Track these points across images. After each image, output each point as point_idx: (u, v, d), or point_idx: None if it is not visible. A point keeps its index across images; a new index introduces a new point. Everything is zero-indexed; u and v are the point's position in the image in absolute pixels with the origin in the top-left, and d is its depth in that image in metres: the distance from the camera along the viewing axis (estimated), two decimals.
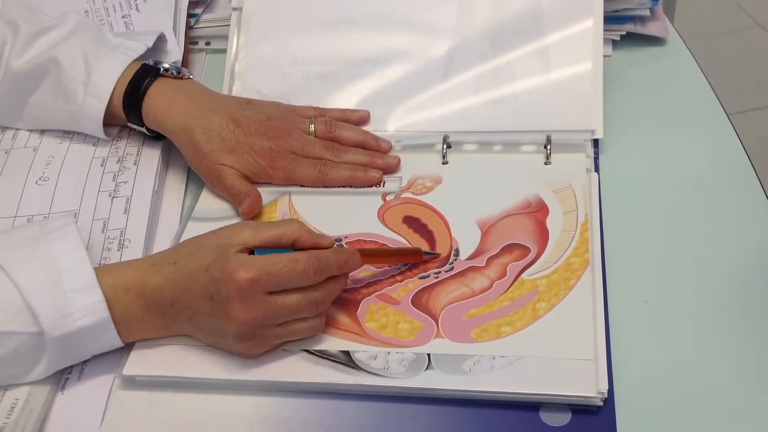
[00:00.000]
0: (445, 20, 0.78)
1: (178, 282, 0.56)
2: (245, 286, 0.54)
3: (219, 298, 0.54)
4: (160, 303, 0.57)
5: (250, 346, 0.56)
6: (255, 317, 0.54)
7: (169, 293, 0.56)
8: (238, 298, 0.54)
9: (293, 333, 0.57)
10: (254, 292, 0.54)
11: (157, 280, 0.56)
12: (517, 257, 0.63)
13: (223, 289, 0.54)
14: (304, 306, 0.56)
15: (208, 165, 0.70)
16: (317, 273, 0.56)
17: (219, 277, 0.54)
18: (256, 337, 0.56)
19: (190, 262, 0.56)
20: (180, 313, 0.57)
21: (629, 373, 0.56)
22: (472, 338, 0.58)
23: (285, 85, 0.79)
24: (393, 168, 0.72)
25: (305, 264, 0.55)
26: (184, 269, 0.56)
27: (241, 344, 0.56)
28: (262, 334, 0.56)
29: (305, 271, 0.55)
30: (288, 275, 0.55)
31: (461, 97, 0.76)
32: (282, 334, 0.57)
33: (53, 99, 0.74)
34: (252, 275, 0.54)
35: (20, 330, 0.54)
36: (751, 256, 0.63)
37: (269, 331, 0.56)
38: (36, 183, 0.72)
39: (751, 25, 2.13)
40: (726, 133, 0.75)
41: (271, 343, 0.57)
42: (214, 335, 0.57)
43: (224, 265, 0.54)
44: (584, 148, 0.72)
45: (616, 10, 0.82)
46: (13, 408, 0.55)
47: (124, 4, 0.87)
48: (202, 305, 0.55)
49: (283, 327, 0.56)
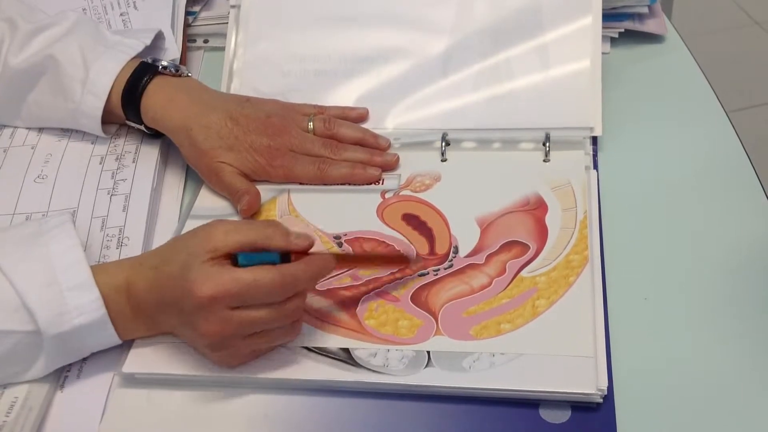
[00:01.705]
0: (444, 17, 0.78)
1: (156, 288, 0.56)
2: (205, 302, 0.52)
3: (185, 311, 0.54)
4: (146, 306, 0.56)
5: (223, 356, 0.56)
6: (219, 331, 0.53)
7: (151, 298, 0.56)
8: (199, 313, 0.53)
9: (267, 342, 0.56)
10: (215, 308, 0.53)
11: (141, 284, 0.56)
12: (517, 254, 0.63)
13: (186, 302, 0.53)
14: (273, 319, 0.54)
15: (207, 163, 0.70)
16: (283, 290, 0.54)
17: (182, 290, 0.53)
18: (227, 348, 0.55)
19: (165, 269, 0.55)
20: (161, 316, 0.56)
21: (628, 370, 0.56)
22: (471, 336, 0.58)
23: (283, 83, 0.79)
24: (392, 165, 0.72)
25: (270, 282, 0.53)
26: (160, 276, 0.55)
27: (215, 354, 0.56)
28: (232, 344, 0.55)
29: (270, 290, 0.53)
30: (250, 293, 0.53)
31: (460, 94, 0.76)
32: (253, 345, 0.56)
33: (51, 97, 0.74)
34: (211, 292, 0.52)
35: (17, 329, 0.54)
36: (749, 252, 0.64)
37: (239, 342, 0.55)
38: (34, 181, 0.72)
39: (749, 22, 2.13)
40: (724, 130, 0.75)
41: (244, 353, 0.56)
42: (193, 342, 0.57)
43: (186, 279, 0.53)
44: (583, 146, 0.72)
45: (614, 7, 0.82)
46: (12, 406, 0.55)
47: (122, 1, 0.87)
48: (174, 314, 0.55)
49: (255, 338, 0.55)
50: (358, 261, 0.63)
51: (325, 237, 0.67)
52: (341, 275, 0.63)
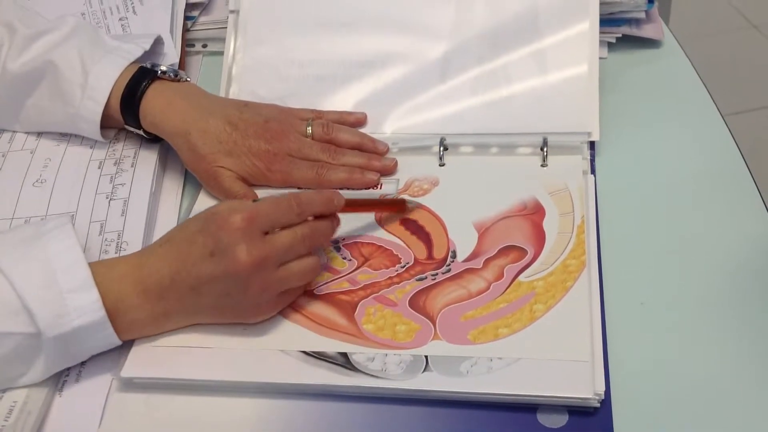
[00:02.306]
0: (442, 23, 0.78)
1: (175, 255, 0.57)
2: (244, 226, 0.56)
3: (221, 249, 0.56)
4: (160, 283, 0.57)
5: (255, 294, 0.57)
6: (259, 256, 0.56)
7: (167, 269, 0.57)
8: (240, 239, 0.56)
9: (293, 275, 0.59)
10: (253, 232, 0.56)
11: (153, 262, 0.58)
12: (514, 259, 0.64)
13: (224, 237, 0.56)
14: (297, 241, 0.58)
15: (206, 167, 0.70)
16: (300, 206, 0.59)
17: (216, 229, 0.56)
18: (261, 281, 0.57)
19: (182, 234, 0.58)
20: (181, 286, 0.57)
21: (626, 375, 0.56)
22: (469, 340, 0.58)
23: (282, 88, 0.79)
24: (390, 170, 0.72)
25: (288, 201, 0.59)
26: (178, 242, 0.58)
27: (247, 296, 0.57)
28: (266, 277, 0.57)
29: (290, 206, 0.59)
30: (275, 211, 0.58)
31: (458, 99, 0.76)
32: (284, 277, 0.58)
33: (50, 101, 0.74)
34: (246, 214, 0.57)
35: (17, 331, 0.54)
36: (746, 256, 0.64)
37: (272, 273, 0.57)
38: (33, 185, 0.72)
39: (746, 26, 2.14)
40: (721, 134, 0.75)
41: (275, 291, 0.58)
42: (220, 297, 0.57)
43: (218, 218, 0.57)
44: (580, 150, 0.72)
45: (611, 12, 0.83)
46: (11, 410, 0.55)
47: (121, 6, 0.87)
48: (205, 266, 0.56)
49: (284, 269, 0.58)
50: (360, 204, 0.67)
51: None
52: (339, 280, 0.63)
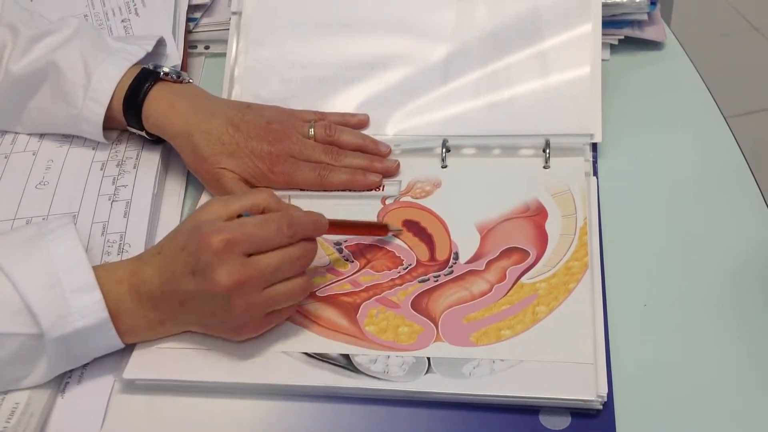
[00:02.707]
0: (444, 24, 0.78)
1: (164, 267, 0.57)
2: (222, 248, 0.54)
3: (200, 269, 0.55)
4: (152, 293, 0.57)
5: (239, 316, 0.56)
6: (239, 280, 0.54)
7: (158, 280, 0.57)
8: (218, 262, 0.54)
9: (279, 296, 0.57)
10: (233, 254, 0.54)
11: (146, 272, 0.57)
12: (517, 261, 0.64)
13: (202, 258, 0.54)
14: (285, 263, 0.56)
15: (208, 169, 0.70)
16: (290, 228, 0.57)
17: (196, 247, 0.55)
18: (244, 303, 0.55)
19: (171, 246, 0.58)
20: (170, 299, 0.57)
21: (628, 377, 0.56)
22: (471, 342, 0.58)
23: (284, 89, 0.79)
24: (392, 172, 0.72)
25: (278, 222, 0.56)
26: (167, 254, 0.57)
27: (231, 316, 0.55)
28: (249, 299, 0.55)
29: (279, 229, 0.56)
30: (262, 234, 0.55)
31: (460, 101, 0.76)
32: (270, 299, 0.56)
33: (53, 103, 0.74)
34: (226, 237, 0.54)
35: (19, 331, 0.54)
36: (749, 258, 0.64)
37: (256, 295, 0.55)
38: (36, 187, 0.72)
39: (748, 28, 2.14)
40: (724, 136, 0.75)
41: (260, 312, 0.56)
42: (205, 315, 0.57)
43: (198, 236, 0.55)
44: (583, 152, 0.72)
45: (614, 14, 0.83)
46: (13, 412, 0.55)
47: (124, 8, 0.87)
48: (187, 283, 0.56)
49: (270, 290, 0.56)
50: (338, 226, 0.64)
51: (326, 243, 0.67)
52: (341, 281, 0.63)
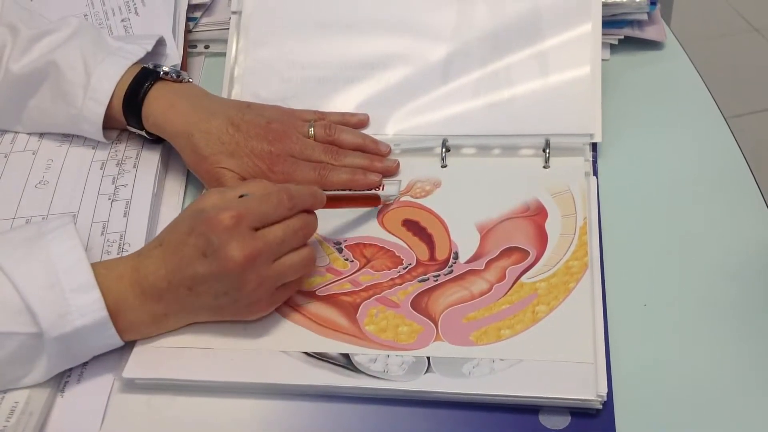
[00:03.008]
0: (444, 24, 0.78)
1: (169, 256, 0.57)
2: (232, 224, 0.56)
3: (213, 249, 0.55)
4: (156, 285, 0.57)
5: (251, 292, 0.57)
6: (251, 253, 0.55)
7: (163, 271, 0.57)
8: (230, 238, 0.55)
9: (289, 268, 0.58)
10: (242, 229, 0.56)
11: (148, 264, 0.58)
12: (516, 260, 0.64)
13: (213, 237, 0.55)
14: (290, 234, 0.58)
15: (208, 168, 0.70)
16: (291, 200, 0.58)
17: (205, 229, 0.56)
18: (256, 277, 0.56)
19: (173, 235, 0.58)
20: (177, 288, 0.57)
21: (628, 376, 0.56)
22: (471, 341, 0.58)
23: (284, 89, 0.79)
24: (392, 171, 0.72)
25: (278, 195, 0.58)
26: (170, 244, 0.58)
27: (243, 293, 0.57)
28: (261, 272, 0.56)
29: (280, 201, 0.58)
30: (265, 207, 0.57)
31: (460, 100, 0.76)
32: (279, 272, 0.58)
33: (53, 102, 0.74)
34: (234, 212, 0.56)
35: (19, 331, 0.54)
36: (749, 258, 0.64)
37: (266, 268, 0.57)
38: (36, 186, 0.72)
39: (748, 29, 2.14)
40: (723, 136, 0.75)
41: (271, 286, 0.58)
42: (218, 296, 0.57)
43: (205, 217, 0.56)
44: (583, 152, 0.72)
45: (614, 14, 0.83)
46: (12, 411, 0.55)
47: (123, 7, 0.87)
48: (198, 266, 0.56)
49: (279, 263, 0.58)
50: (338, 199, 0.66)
51: (326, 243, 0.67)
52: (341, 281, 0.63)
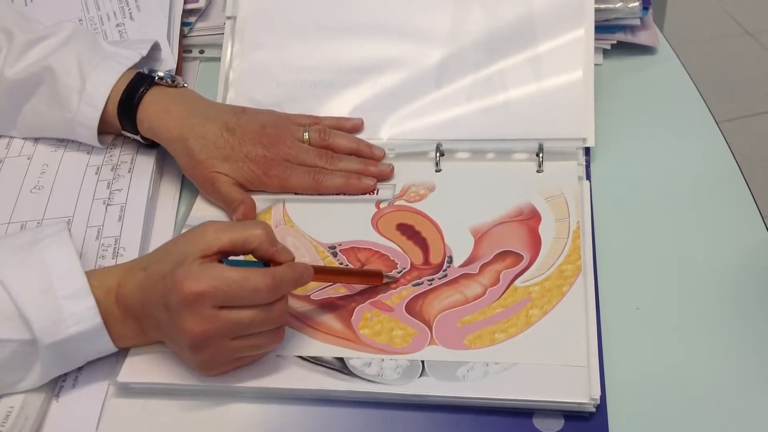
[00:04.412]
0: (439, 29, 0.79)
1: (145, 288, 0.56)
2: (191, 299, 0.52)
3: (171, 308, 0.54)
4: (134, 308, 0.57)
5: (205, 360, 0.55)
6: (204, 331, 0.53)
7: (139, 298, 0.56)
8: (185, 310, 0.53)
9: (251, 348, 0.56)
10: (201, 306, 0.53)
11: (130, 286, 0.56)
12: (510, 264, 0.64)
13: (172, 299, 0.53)
14: (258, 322, 0.54)
15: (203, 173, 0.70)
16: (270, 291, 0.54)
17: (170, 286, 0.53)
18: (211, 350, 0.54)
19: (156, 268, 0.56)
20: (148, 319, 0.56)
21: (621, 380, 0.56)
22: (465, 345, 0.58)
23: (279, 93, 0.79)
24: (386, 175, 0.73)
25: (257, 282, 0.53)
26: (151, 276, 0.56)
27: (196, 357, 0.55)
28: (216, 347, 0.54)
29: (257, 290, 0.53)
30: (238, 292, 0.53)
31: (454, 105, 0.76)
32: (238, 349, 0.55)
33: (48, 107, 0.74)
34: (198, 288, 0.52)
35: (13, 337, 0.54)
36: (741, 261, 0.64)
37: (224, 344, 0.54)
38: (30, 191, 0.72)
39: (740, 33, 2.15)
40: (716, 140, 0.75)
41: (229, 358, 0.56)
42: (176, 345, 0.56)
43: (175, 276, 0.53)
44: (576, 156, 0.72)
45: (606, 19, 0.83)
46: (8, 416, 0.55)
47: (118, 12, 0.88)
48: (160, 313, 0.55)
49: (240, 341, 0.55)
50: (334, 274, 0.62)
51: (320, 247, 0.67)
52: (336, 285, 0.63)
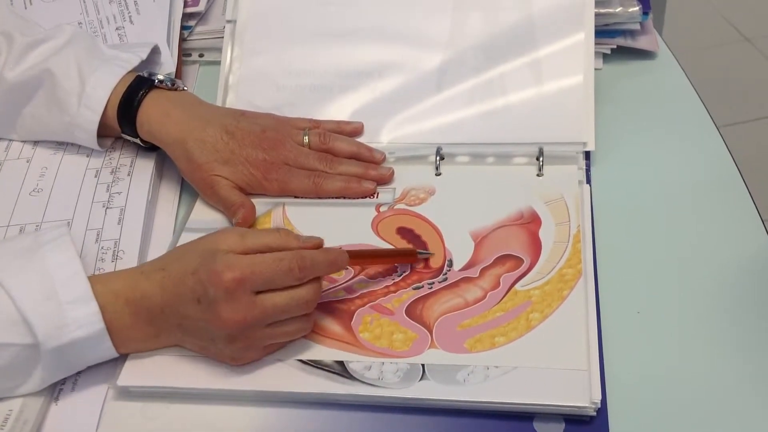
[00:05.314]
0: (439, 33, 0.79)
1: (168, 287, 0.56)
2: (232, 287, 0.54)
3: (207, 300, 0.54)
4: (150, 310, 0.57)
5: (239, 349, 0.56)
6: (244, 318, 0.54)
7: (159, 299, 0.56)
8: (225, 299, 0.54)
9: (283, 334, 0.57)
10: (241, 293, 0.54)
11: (146, 287, 0.57)
12: (510, 268, 0.64)
13: (210, 290, 0.54)
14: (292, 305, 0.56)
15: (202, 176, 0.70)
16: (302, 271, 0.56)
17: (206, 278, 0.54)
18: (246, 339, 0.56)
19: (179, 266, 0.56)
20: (169, 318, 0.57)
21: (622, 383, 0.56)
22: (466, 349, 0.58)
23: (279, 97, 0.79)
24: (386, 179, 0.73)
25: (290, 262, 0.55)
26: (172, 274, 0.56)
27: (230, 347, 0.56)
28: (251, 335, 0.56)
29: (290, 269, 0.55)
30: (273, 273, 0.55)
31: (454, 109, 0.76)
32: (271, 336, 0.57)
33: (47, 110, 0.74)
34: (237, 275, 0.54)
35: (15, 342, 0.54)
36: (741, 265, 0.64)
37: (258, 332, 0.56)
38: (30, 194, 0.72)
39: (739, 39, 2.15)
40: (715, 145, 0.75)
41: (261, 345, 0.57)
42: (203, 339, 0.57)
43: (211, 267, 0.54)
44: (576, 160, 0.72)
45: (606, 24, 0.83)
46: (7, 419, 0.55)
47: (118, 16, 0.88)
48: (191, 309, 0.55)
49: (273, 328, 0.56)
50: (365, 257, 0.63)
51: None
52: (336, 288, 0.63)
